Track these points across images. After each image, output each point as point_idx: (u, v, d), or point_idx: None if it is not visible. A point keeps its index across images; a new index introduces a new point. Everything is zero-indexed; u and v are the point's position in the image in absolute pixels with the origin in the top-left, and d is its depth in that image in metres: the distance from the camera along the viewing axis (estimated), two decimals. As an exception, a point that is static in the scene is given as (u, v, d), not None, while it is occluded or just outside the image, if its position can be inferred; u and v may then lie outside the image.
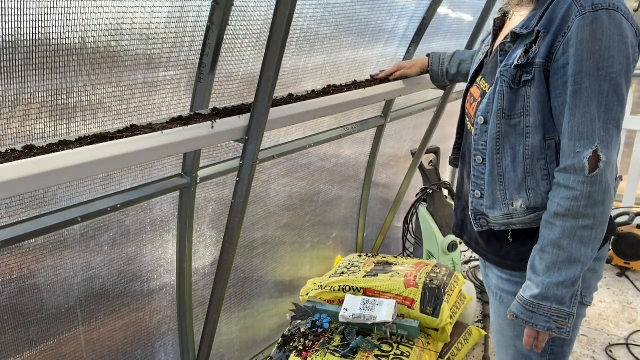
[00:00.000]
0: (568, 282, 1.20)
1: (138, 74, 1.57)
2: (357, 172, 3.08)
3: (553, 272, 1.20)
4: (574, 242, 1.18)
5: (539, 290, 1.21)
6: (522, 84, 1.21)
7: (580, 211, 1.16)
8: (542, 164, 1.24)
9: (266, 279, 2.65)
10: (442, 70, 1.96)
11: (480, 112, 1.29)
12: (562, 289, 1.20)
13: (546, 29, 1.17)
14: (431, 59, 2.00)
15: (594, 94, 1.12)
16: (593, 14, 1.10)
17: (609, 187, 1.16)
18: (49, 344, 1.71)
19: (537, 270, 1.23)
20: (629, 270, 3.57)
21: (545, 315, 1.22)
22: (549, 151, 1.23)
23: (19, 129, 1.36)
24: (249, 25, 1.78)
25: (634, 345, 2.81)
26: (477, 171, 1.33)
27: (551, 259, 1.20)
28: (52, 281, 1.66)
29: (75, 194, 1.60)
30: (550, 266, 1.20)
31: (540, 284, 1.21)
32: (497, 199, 1.30)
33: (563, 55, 1.14)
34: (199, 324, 2.20)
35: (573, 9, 1.13)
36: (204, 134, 1.56)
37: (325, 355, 2.16)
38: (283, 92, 2.00)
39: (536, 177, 1.25)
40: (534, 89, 1.20)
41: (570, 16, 1.13)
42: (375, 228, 3.48)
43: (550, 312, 1.21)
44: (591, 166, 1.14)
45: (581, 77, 1.12)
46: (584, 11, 1.11)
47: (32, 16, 1.23)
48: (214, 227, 2.20)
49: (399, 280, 2.40)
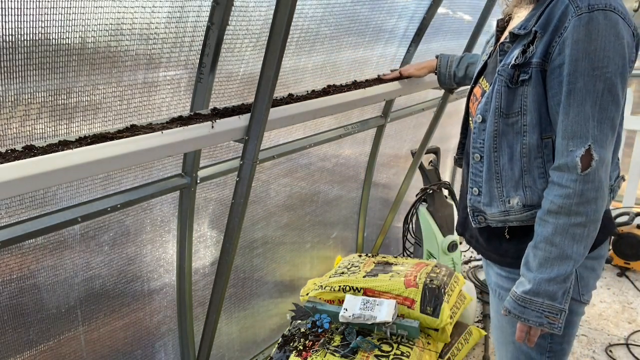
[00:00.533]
0: (559, 278, 1.21)
1: (138, 74, 1.57)
2: (357, 172, 3.08)
3: (545, 268, 1.22)
4: (566, 239, 1.19)
5: (531, 285, 1.23)
6: (520, 83, 1.23)
7: (572, 209, 1.18)
8: (539, 162, 1.26)
9: (266, 279, 2.65)
10: (450, 72, 1.98)
11: (478, 110, 1.32)
12: (554, 285, 1.22)
13: (543, 29, 1.19)
14: (439, 61, 2.02)
15: (588, 93, 1.14)
16: (589, 15, 1.12)
17: (602, 186, 1.18)
18: (49, 344, 1.71)
19: (530, 267, 1.26)
20: (629, 270, 3.57)
21: (537, 310, 1.23)
22: (545, 150, 1.25)
23: (19, 129, 1.36)
24: (249, 25, 1.78)
25: (634, 345, 2.81)
26: (475, 169, 1.36)
27: (544, 255, 1.22)
28: (52, 281, 1.66)
29: (75, 194, 1.60)
30: (542, 262, 1.22)
31: (532, 280, 1.23)
32: (494, 196, 1.32)
33: (559, 55, 1.16)
34: (199, 324, 2.20)
35: (570, 10, 1.15)
36: (204, 134, 1.56)
37: (325, 355, 2.16)
38: (283, 92, 2.00)
39: (533, 175, 1.27)
40: (531, 88, 1.22)
41: (566, 16, 1.15)
42: (375, 228, 3.48)
43: (542, 307, 1.23)
44: (584, 164, 1.15)
45: (576, 77, 1.14)
46: (580, 12, 1.13)
47: (32, 16, 1.23)
48: (214, 227, 2.21)
49: (399, 280, 2.40)
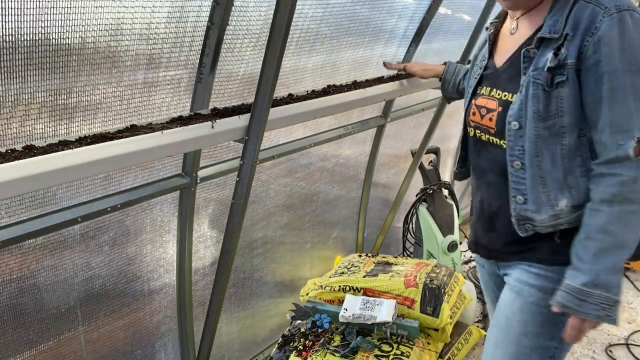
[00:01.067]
0: (616, 267, 1.23)
1: (138, 74, 1.57)
2: (357, 172, 3.08)
3: (601, 257, 1.22)
4: (620, 226, 1.21)
5: (588, 277, 1.23)
6: (555, 85, 1.25)
7: (626, 196, 1.20)
8: (578, 161, 1.28)
9: (266, 279, 2.65)
10: (455, 81, 1.99)
11: (512, 117, 1.31)
12: (611, 275, 1.23)
13: (573, 32, 1.23)
14: (447, 67, 2.04)
15: (630, 88, 1.18)
16: (618, 15, 1.18)
17: None
18: (49, 344, 1.71)
19: (583, 259, 1.25)
20: (629, 270, 3.57)
21: (595, 303, 1.23)
22: (583, 148, 1.27)
23: (19, 129, 1.36)
24: (249, 25, 1.78)
25: (634, 345, 2.81)
26: (516, 177, 1.34)
27: (598, 245, 1.23)
28: (52, 281, 1.66)
29: (75, 194, 1.60)
30: (597, 252, 1.23)
31: (589, 271, 1.23)
32: (542, 201, 1.31)
33: (594, 54, 1.20)
34: (199, 324, 2.20)
35: (597, 11, 1.20)
36: (204, 134, 1.56)
37: (325, 355, 2.16)
38: (283, 92, 2.00)
39: (575, 174, 1.28)
40: (568, 89, 1.24)
41: (596, 17, 1.20)
42: (375, 228, 3.48)
43: (600, 299, 1.22)
44: (636, 153, 1.18)
45: (615, 74, 1.18)
46: (610, 12, 1.19)
47: (32, 16, 1.23)
48: (214, 227, 2.20)
49: (399, 280, 2.40)
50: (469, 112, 1.49)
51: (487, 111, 1.40)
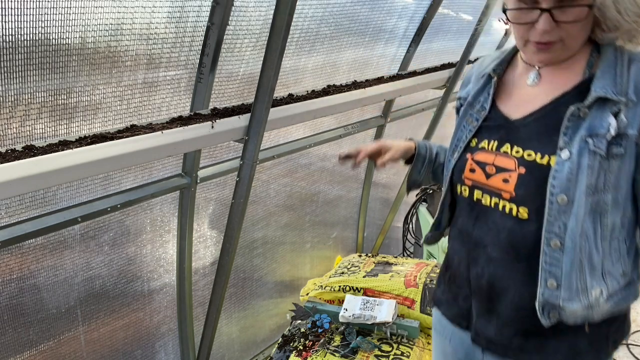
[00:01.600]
0: None
1: (138, 74, 1.57)
2: (357, 172, 3.08)
3: None
4: None
5: None
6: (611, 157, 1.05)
7: None
8: (615, 244, 1.11)
9: (266, 279, 2.65)
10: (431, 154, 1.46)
11: (558, 189, 1.07)
12: None
13: (637, 96, 1.04)
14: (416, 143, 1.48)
15: None
16: None
17: None
18: (49, 344, 1.71)
19: None
20: (629, 270, 3.57)
21: None
22: (622, 230, 1.12)
23: (19, 129, 1.36)
24: (249, 25, 1.78)
25: (634, 345, 2.81)
26: (552, 258, 1.10)
27: None
28: (52, 281, 1.66)
29: (75, 194, 1.60)
30: None
31: None
32: (577, 289, 1.10)
33: None
34: (199, 324, 2.20)
35: None
36: (204, 134, 1.56)
37: (325, 355, 2.16)
38: (283, 92, 2.00)
39: (612, 258, 1.11)
40: (623, 164, 1.06)
41: None
42: (375, 228, 3.48)
43: None
44: None
45: None
46: None
47: (32, 16, 1.23)
48: (214, 227, 2.20)
49: (399, 280, 2.40)
50: (462, 168, 1.22)
51: (498, 170, 1.15)
